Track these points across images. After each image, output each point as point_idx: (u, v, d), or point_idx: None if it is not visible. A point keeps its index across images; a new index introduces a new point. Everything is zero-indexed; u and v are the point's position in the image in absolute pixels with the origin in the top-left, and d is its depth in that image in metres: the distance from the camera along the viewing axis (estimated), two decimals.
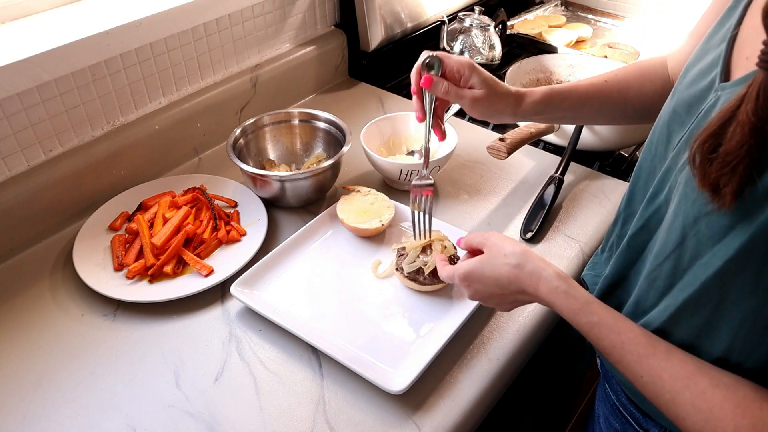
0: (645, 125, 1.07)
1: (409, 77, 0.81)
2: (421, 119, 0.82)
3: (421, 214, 0.82)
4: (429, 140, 0.82)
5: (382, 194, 0.95)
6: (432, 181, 0.83)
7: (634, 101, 0.84)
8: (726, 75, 0.55)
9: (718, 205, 0.49)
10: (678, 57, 0.78)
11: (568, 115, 0.87)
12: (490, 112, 0.81)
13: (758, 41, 0.46)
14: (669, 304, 0.58)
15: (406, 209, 0.95)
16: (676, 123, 0.61)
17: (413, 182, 0.83)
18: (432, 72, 0.79)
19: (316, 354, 0.75)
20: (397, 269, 0.83)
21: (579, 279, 0.87)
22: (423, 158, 0.83)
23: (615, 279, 0.70)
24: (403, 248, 0.82)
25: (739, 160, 0.46)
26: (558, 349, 1.03)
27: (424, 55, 0.80)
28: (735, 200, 0.48)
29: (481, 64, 1.35)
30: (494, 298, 0.69)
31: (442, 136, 0.84)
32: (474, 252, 0.72)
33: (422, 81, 0.79)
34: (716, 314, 0.53)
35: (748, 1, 0.56)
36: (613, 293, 0.71)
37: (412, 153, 1.08)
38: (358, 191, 0.95)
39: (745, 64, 0.53)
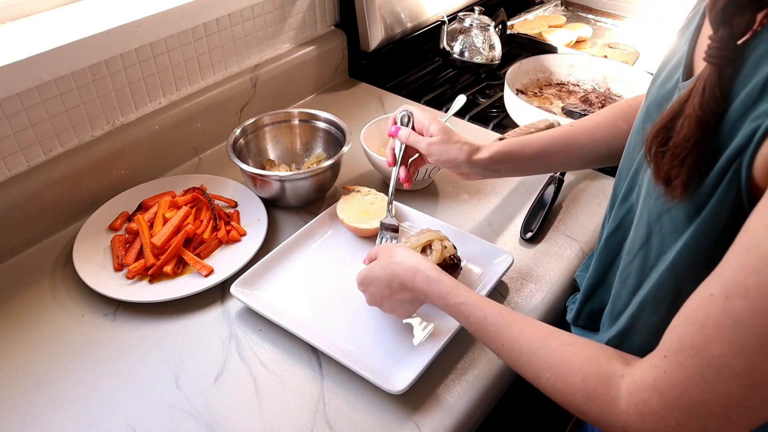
0: None
1: (409, 77, 0.85)
2: (391, 164, 0.88)
3: None
4: (394, 184, 0.88)
5: (382, 194, 0.95)
6: (396, 224, 0.89)
7: (607, 141, 0.81)
8: (689, 74, 0.56)
9: (671, 198, 0.50)
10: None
11: (536, 164, 0.84)
12: (444, 157, 0.82)
13: None
14: (637, 302, 0.59)
15: (406, 209, 0.95)
16: (648, 123, 0.61)
17: (381, 221, 0.88)
18: (403, 124, 0.87)
19: (316, 354, 0.75)
20: None
21: (572, 279, 0.87)
22: (388, 201, 0.89)
23: (596, 279, 0.70)
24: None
25: (687, 153, 0.47)
26: None
27: (400, 110, 0.88)
28: (685, 192, 0.48)
29: (481, 64, 1.36)
30: (386, 301, 0.72)
31: (408, 182, 0.88)
32: (372, 260, 0.75)
33: (391, 131, 0.87)
34: (674, 310, 0.52)
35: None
36: (595, 293, 0.71)
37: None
38: (358, 191, 0.95)
39: (702, 62, 0.54)
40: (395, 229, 0.88)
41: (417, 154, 0.88)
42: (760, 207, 0.42)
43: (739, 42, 0.46)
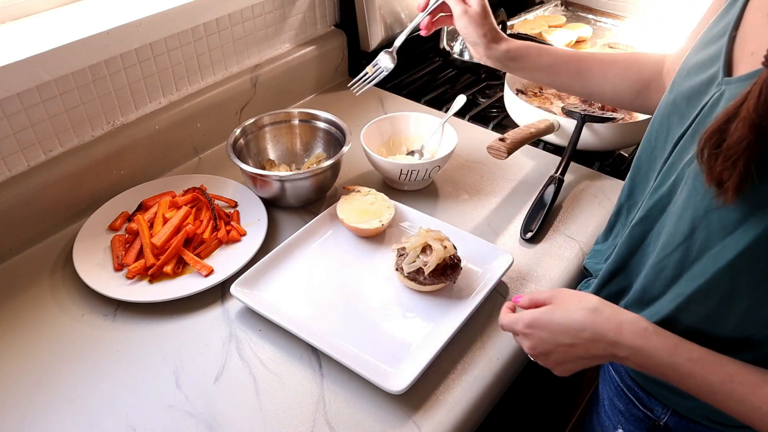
0: (646, 128, 1.07)
1: (409, 77, 0.87)
2: (421, 9, 0.89)
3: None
4: (414, 26, 0.92)
5: (382, 194, 0.95)
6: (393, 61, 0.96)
7: (614, 81, 0.86)
8: (728, 70, 0.56)
9: (722, 200, 0.50)
10: (677, 58, 0.78)
11: (543, 73, 0.89)
12: (468, 31, 0.86)
13: (762, 37, 0.47)
14: (678, 293, 0.60)
15: (406, 209, 0.95)
16: (675, 115, 0.62)
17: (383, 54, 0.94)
18: None
19: (316, 354, 0.75)
20: (397, 269, 0.83)
21: (581, 267, 0.87)
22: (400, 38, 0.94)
23: (616, 266, 0.71)
24: (403, 248, 0.82)
25: (738, 155, 0.48)
26: None
27: None
28: (736, 195, 0.49)
29: (481, 64, 1.35)
30: (559, 350, 0.63)
31: (427, 30, 0.90)
32: (538, 306, 0.67)
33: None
34: (725, 302, 0.55)
35: None
36: (612, 280, 0.72)
37: (412, 153, 1.08)
38: (358, 191, 0.95)
39: (749, 59, 0.54)
40: (393, 61, 0.95)
41: (447, 13, 0.90)
42: None
43: None
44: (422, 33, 0.90)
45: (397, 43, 0.95)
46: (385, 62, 0.98)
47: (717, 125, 0.50)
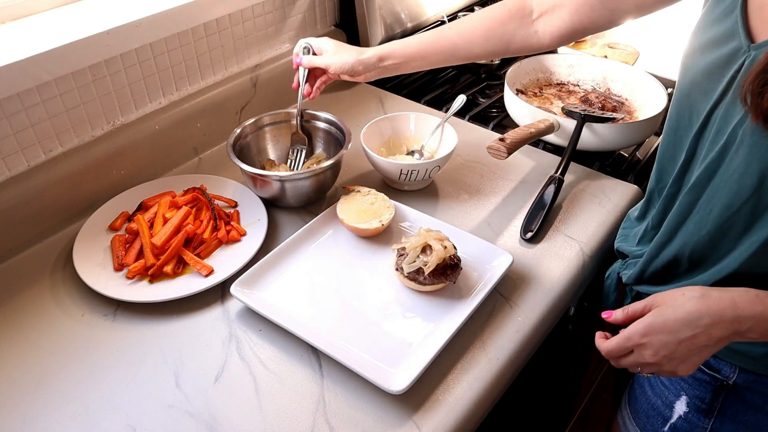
0: (645, 129, 1.07)
1: (409, 77, 0.88)
2: (295, 88, 1.00)
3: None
4: (300, 102, 1.01)
5: (382, 194, 0.95)
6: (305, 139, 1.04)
7: (480, 43, 0.92)
8: (752, 38, 0.61)
9: None
10: None
11: (417, 61, 0.95)
12: (339, 63, 0.94)
13: None
14: (753, 241, 0.64)
15: (406, 209, 0.95)
16: (697, 92, 0.67)
17: (292, 133, 1.03)
18: (304, 53, 0.99)
19: (316, 354, 0.75)
20: (397, 269, 0.83)
21: (581, 267, 0.88)
22: (296, 115, 1.04)
23: (666, 238, 0.75)
24: (403, 248, 0.82)
25: None
26: (558, 348, 1.03)
27: (299, 43, 0.99)
28: None
29: (481, 64, 1.36)
30: (683, 346, 0.62)
31: (312, 96, 1.00)
32: (636, 316, 0.67)
33: (296, 62, 0.99)
34: None
35: None
36: (660, 254, 0.76)
37: (412, 153, 1.08)
38: (358, 191, 0.95)
39: (763, 26, 0.60)
40: (304, 142, 1.03)
41: (324, 74, 1.00)
42: None
43: None
44: (310, 98, 1.00)
45: (296, 122, 1.05)
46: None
47: (760, 68, 0.54)
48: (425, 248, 0.81)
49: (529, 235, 0.92)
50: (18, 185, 0.89)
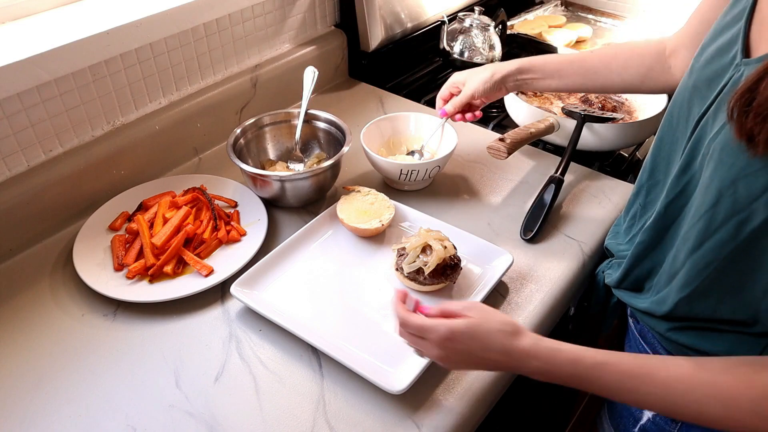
0: (645, 129, 1.07)
1: (409, 77, 0.90)
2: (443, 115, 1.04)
3: None
4: (300, 128, 1.04)
5: (382, 194, 0.95)
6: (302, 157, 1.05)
7: (619, 71, 0.92)
8: (746, 52, 0.60)
9: (753, 153, 0.54)
10: (679, 37, 0.85)
11: (554, 80, 0.96)
12: (480, 84, 0.97)
13: None
14: (697, 260, 0.63)
15: (406, 209, 0.95)
16: (696, 97, 0.66)
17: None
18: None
19: (316, 354, 0.75)
20: (397, 269, 0.83)
21: (581, 267, 0.88)
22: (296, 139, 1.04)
23: (651, 242, 0.74)
24: (403, 248, 0.82)
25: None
26: None
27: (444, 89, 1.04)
28: (766, 148, 0.53)
29: (481, 64, 1.35)
30: (468, 359, 0.64)
31: (466, 119, 1.03)
32: (449, 317, 0.65)
33: (441, 112, 1.04)
34: (753, 266, 0.59)
35: None
36: (647, 256, 0.75)
37: (412, 153, 1.08)
38: (358, 191, 0.95)
39: (761, 41, 0.59)
40: (302, 161, 1.05)
41: (469, 110, 1.03)
42: None
43: None
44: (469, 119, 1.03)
45: (296, 148, 1.06)
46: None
47: (747, 85, 0.53)
48: (425, 248, 0.81)
49: (529, 235, 0.92)
50: (18, 185, 0.88)
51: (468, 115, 1.02)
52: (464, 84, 0.99)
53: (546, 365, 0.61)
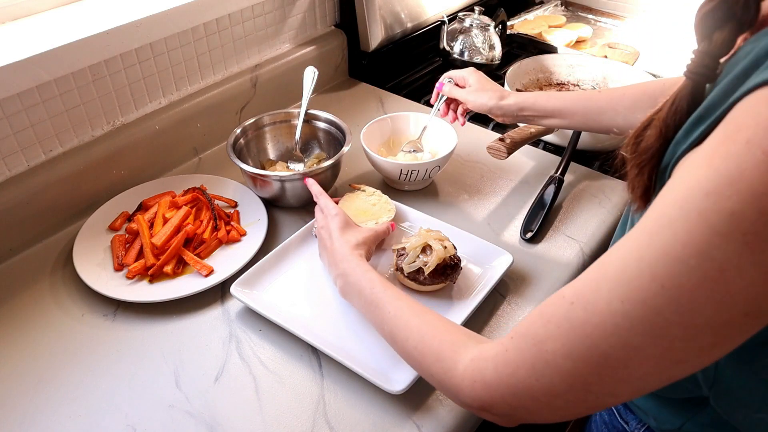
0: None
1: (409, 77, 0.89)
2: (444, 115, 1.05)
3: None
4: (300, 127, 1.05)
5: (386, 197, 0.95)
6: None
7: (625, 113, 0.87)
8: None
9: (635, 208, 0.50)
10: None
11: (555, 118, 0.93)
12: (478, 103, 0.97)
13: None
14: None
15: (406, 209, 0.95)
16: None
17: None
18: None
19: (316, 354, 0.75)
20: (396, 269, 0.83)
21: (581, 267, 0.87)
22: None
23: None
24: (403, 248, 0.82)
25: (645, 163, 0.47)
26: None
27: (444, 76, 1.04)
28: (644, 203, 0.48)
29: (481, 64, 1.36)
30: (327, 238, 0.79)
31: (453, 120, 1.04)
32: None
33: (437, 87, 1.03)
34: None
35: None
36: None
37: (412, 151, 1.07)
38: (363, 190, 0.95)
39: None
40: (302, 160, 1.06)
41: (461, 104, 1.03)
42: (628, 235, 0.42)
43: (721, 60, 0.43)
44: (461, 125, 1.05)
45: (296, 147, 1.07)
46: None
47: (637, 132, 0.49)
48: (425, 248, 0.81)
49: (529, 235, 0.92)
50: (18, 185, 0.88)
51: (457, 119, 1.04)
52: (467, 89, 0.99)
53: (348, 269, 0.72)
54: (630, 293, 0.40)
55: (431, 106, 1.06)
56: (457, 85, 1.02)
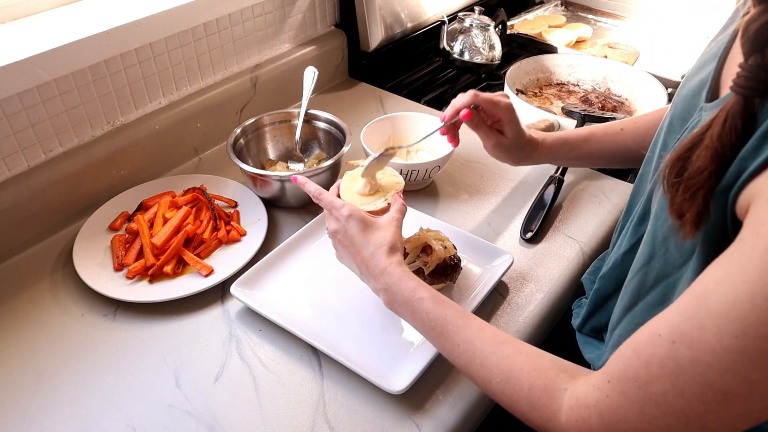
0: None
1: (409, 77, 0.84)
2: (443, 133, 0.83)
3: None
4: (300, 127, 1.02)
5: (390, 168, 0.83)
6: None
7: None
8: (714, 93, 0.53)
9: (683, 234, 0.47)
10: None
11: (584, 161, 0.90)
12: (505, 157, 0.86)
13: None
14: (630, 322, 0.59)
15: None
16: (671, 135, 0.60)
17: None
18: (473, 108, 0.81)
19: (316, 354, 0.75)
20: None
21: (581, 267, 0.87)
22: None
23: (606, 292, 0.70)
24: (403, 248, 0.79)
25: (699, 186, 0.45)
26: (558, 348, 1.03)
27: (467, 97, 0.80)
28: (695, 229, 0.46)
29: (481, 64, 1.36)
30: (349, 245, 0.70)
31: (455, 142, 0.85)
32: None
33: (462, 114, 0.79)
34: None
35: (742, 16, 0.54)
36: (604, 305, 0.71)
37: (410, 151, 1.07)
38: (362, 167, 0.82)
39: (727, 85, 0.52)
40: (302, 160, 1.01)
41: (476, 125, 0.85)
42: (719, 259, 0.41)
43: None
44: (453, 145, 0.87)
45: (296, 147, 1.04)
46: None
47: (680, 152, 0.47)
48: (425, 248, 0.81)
49: (529, 235, 0.92)
50: (18, 185, 0.88)
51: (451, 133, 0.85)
52: (505, 135, 0.82)
53: (393, 285, 0.65)
54: (746, 329, 0.38)
55: (432, 107, 1.03)
56: (483, 112, 0.81)
